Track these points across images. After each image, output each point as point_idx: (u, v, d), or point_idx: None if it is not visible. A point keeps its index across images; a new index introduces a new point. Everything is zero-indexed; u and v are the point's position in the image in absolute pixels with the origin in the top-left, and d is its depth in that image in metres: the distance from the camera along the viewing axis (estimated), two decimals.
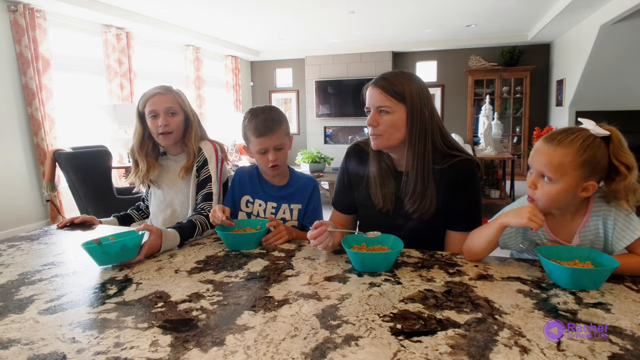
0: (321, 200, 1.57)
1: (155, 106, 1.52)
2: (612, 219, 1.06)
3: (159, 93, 1.53)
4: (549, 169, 1.01)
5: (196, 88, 6.61)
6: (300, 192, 1.52)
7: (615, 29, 4.63)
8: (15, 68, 4.05)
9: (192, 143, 1.58)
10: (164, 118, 1.52)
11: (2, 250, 1.29)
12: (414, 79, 1.24)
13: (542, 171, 1.03)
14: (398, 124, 1.22)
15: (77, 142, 4.08)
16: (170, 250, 1.26)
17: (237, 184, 1.57)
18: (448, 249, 1.28)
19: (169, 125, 1.52)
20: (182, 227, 1.33)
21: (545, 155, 1.02)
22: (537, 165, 1.04)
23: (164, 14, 5.20)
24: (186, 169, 1.56)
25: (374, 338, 0.73)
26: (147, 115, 1.53)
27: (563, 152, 1.00)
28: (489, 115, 4.90)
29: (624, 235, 1.04)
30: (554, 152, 1.01)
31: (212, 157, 1.59)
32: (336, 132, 8.20)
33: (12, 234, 3.97)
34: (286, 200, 1.51)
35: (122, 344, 0.72)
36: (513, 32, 6.69)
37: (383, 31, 6.43)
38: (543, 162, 1.02)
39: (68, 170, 3.25)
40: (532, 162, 1.06)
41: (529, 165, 1.09)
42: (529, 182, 1.07)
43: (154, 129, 1.53)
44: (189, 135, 1.58)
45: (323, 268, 1.08)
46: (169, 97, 1.54)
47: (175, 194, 1.62)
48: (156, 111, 1.52)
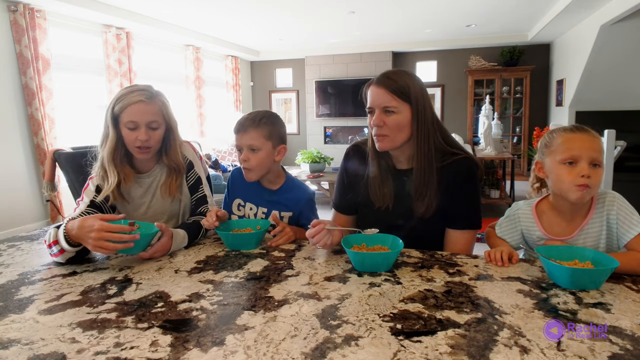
0: (317, 211, 1.53)
1: (136, 117, 1.29)
2: (615, 211, 1.09)
3: (142, 102, 1.29)
4: (600, 152, 1.07)
5: (196, 88, 6.60)
6: (294, 200, 1.49)
7: (615, 29, 4.62)
8: (15, 68, 4.05)
9: (177, 157, 1.41)
10: (145, 132, 1.30)
11: (2, 250, 1.29)
12: (416, 78, 1.24)
13: (595, 157, 1.06)
14: (403, 124, 1.21)
15: (77, 142, 4.07)
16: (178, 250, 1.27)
17: (231, 185, 1.56)
18: (448, 248, 1.28)
19: (150, 140, 1.32)
20: (189, 227, 1.32)
21: (593, 142, 1.07)
22: (590, 152, 1.06)
23: (164, 14, 5.20)
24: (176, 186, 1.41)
25: (374, 338, 0.73)
26: (123, 123, 1.30)
27: (598, 140, 1.08)
28: (489, 115, 4.90)
29: (627, 229, 1.06)
30: (594, 139, 1.08)
31: (195, 159, 1.51)
32: (336, 132, 8.20)
33: (12, 234, 3.97)
34: (277, 207, 1.48)
35: (122, 344, 0.72)
36: (513, 32, 6.69)
37: (383, 31, 6.43)
38: (595, 148, 1.07)
39: (68, 170, 3.25)
40: (581, 152, 1.06)
41: (568, 159, 1.08)
42: (585, 171, 1.05)
43: (129, 141, 1.32)
44: (171, 150, 1.40)
45: (323, 268, 1.08)
46: (153, 108, 1.32)
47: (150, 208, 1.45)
48: (136, 123, 1.29)
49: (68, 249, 1.12)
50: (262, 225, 1.33)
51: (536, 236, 1.18)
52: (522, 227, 1.21)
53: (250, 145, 1.40)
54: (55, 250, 1.13)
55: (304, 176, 5.32)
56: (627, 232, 1.06)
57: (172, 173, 1.42)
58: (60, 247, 1.12)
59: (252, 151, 1.40)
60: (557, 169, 1.10)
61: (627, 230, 1.06)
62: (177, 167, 1.42)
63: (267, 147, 1.41)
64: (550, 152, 1.12)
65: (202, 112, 6.70)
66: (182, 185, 1.46)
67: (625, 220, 1.06)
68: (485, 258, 1.12)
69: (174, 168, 1.42)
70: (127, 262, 1.15)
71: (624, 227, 1.06)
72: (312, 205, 1.52)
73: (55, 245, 1.13)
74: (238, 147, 1.44)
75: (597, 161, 1.06)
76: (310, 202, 1.51)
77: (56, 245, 1.13)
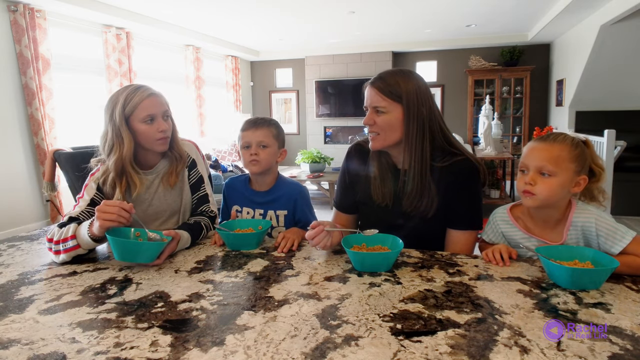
0: (311, 205, 1.55)
1: (152, 110, 1.33)
2: (595, 229, 1.09)
3: (152, 94, 1.34)
4: (550, 162, 1.08)
5: (196, 88, 6.60)
6: (286, 197, 1.51)
7: (615, 29, 4.62)
8: (15, 68, 4.05)
9: (179, 146, 1.46)
10: (162, 122, 1.35)
11: (2, 250, 1.29)
12: (412, 78, 1.24)
13: (542, 166, 1.09)
14: (394, 123, 1.22)
15: (77, 142, 4.07)
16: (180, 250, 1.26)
17: (227, 195, 1.59)
18: (449, 248, 1.28)
19: (167, 130, 1.38)
20: (192, 228, 1.32)
21: (544, 151, 1.10)
22: (537, 162, 1.10)
23: (164, 14, 5.20)
24: (177, 173, 1.43)
25: (374, 338, 0.73)
26: (139, 120, 1.32)
27: (560, 147, 1.09)
28: (489, 115, 4.90)
29: (611, 245, 1.06)
30: (551, 147, 1.09)
31: (198, 157, 1.53)
32: (336, 132, 8.20)
33: (12, 234, 3.97)
34: (272, 207, 1.51)
35: (122, 344, 0.72)
36: (513, 32, 6.69)
37: (383, 31, 6.43)
38: (543, 157, 1.09)
39: (68, 170, 3.25)
40: (529, 160, 1.12)
41: (521, 166, 1.15)
42: (528, 179, 1.11)
43: (150, 135, 1.34)
44: (175, 138, 1.45)
45: (323, 268, 1.08)
46: (162, 99, 1.37)
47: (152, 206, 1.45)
48: (153, 115, 1.33)
49: (88, 242, 1.14)
50: (264, 225, 1.33)
51: (519, 236, 1.19)
52: (502, 230, 1.23)
53: (261, 141, 1.45)
54: (71, 244, 1.14)
55: (304, 176, 5.32)
56: (618, 243, 1.05)
57: (173, 162, 1.44)
58: (77, 242, 1.14)
59: (262, 147, 1.46)
60: (518, 175, 1.17)
61: (617, 241, 1.05)
62: (179, 155, 1.45)
63: (274, 146, 1.48)
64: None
65: (202, 112, 6.70)
66: (183, 175, 1.47)
67: (609, 237, 1.06)
68: (484, 258, 1.12)
69: (175, 157, 1.45)
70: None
71: (608, 243, 1.06)
72: (305, 198, 1.53)
73: (72, 239, 1.14)
74: (246, 144, 1.47)
75: (545, 170, 1.08)
76: (302, 196, 1.52)
77: (73, 239, 1.14)
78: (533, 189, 1.09)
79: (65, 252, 1.14)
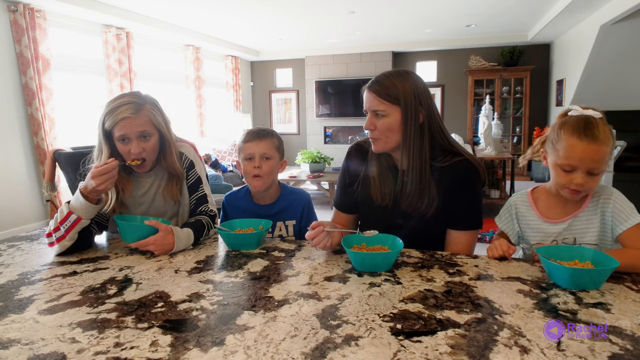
0: (316, 214, 1.55)
1: (126, 130, 1.29)
2: (611, 206, 1.12)
3: (128, 118, 1.28)
4: (600, 163, 1.07)
5: (196, 88, 6.60)
6: (294, 207, 1.51)
7: (615, 29, 4.62)
8: (15, 68, 4.05)
9: (175, 163, 1.42)
10: (137, 145, 1.31)
11: (2, 250, 1.29)
12: (409, 78, 1.23)
13: (593, 169, 1.07)
14: (394, 126, 1.22)
15: (77, 142, 4.07)
16: (183, 250, 1.26)
17: (228, 211, 1.57)
18: (449, 248, 1.28)
19: (144, 151, 1.34)
20: (195, 225, 1.32)
21: (594, 152, 1.06)
22: (588, 164, 1.07)
23: (164, 14, 5.20)
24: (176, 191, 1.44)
25: (374, 338, 0.73)
26: (115, 137, 1.31)
27: (605, 145, 1.06)
28: (489, 115, 4.90)
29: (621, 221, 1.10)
30: (599, 149, 1.06)
31: (196, 158, 1.52)
32: (336, 132, 8.20)
33: (12, 234, 3.97)
34: (280, 218, 1.50)
35: (122, 344, 0.72)
36: (513, 32, 6.69)
37: (383, 31, 6.43)
38: (594, 159, 1.07)
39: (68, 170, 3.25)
40: (578, 163, 1.08)
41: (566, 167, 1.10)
42: (580, 180, 1.07)
43: (124, 154, 1.33)
44: (167, 156, 1.41)
45: (323, 268, 1.08)
46: (141, 120, 1.30)
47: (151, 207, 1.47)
48: (127, 136, 1.30)
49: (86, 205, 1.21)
50: (264, 225, 1.33)
51: (530, 221, 1.21)
52: (517, 212, 1.24)
53: (264, 153, 1.44)
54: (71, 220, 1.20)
55: (304, 176, 5.32)
56: (621, 224, 1.09)
57: (172, 178, 1.44)
58: (75, 216, 1.20)
59: (265, 159, 1.45)
60: (555, 169, 1.13)
61: (621, 222, 1.09)
62: (175, 172, 1.43)
63: (276, 157, 1.48)
64: (554, 150, 1.12)
65: (202, 112, 6.70)
66: (182, 189, 1.48)
67: (620, 213, 1.10)
68: (488, 254, 1.14)
69: (173, 174, 1.43)
70: (127, 262, 1.15)
71: (618, 219, 1.10)
72: (312, 206, 1.55)
73: (70, 216, 1.20)
74: (249, 156, 1.45)
75: (595, 171, 1.07)
76: (309, 204, 1.54)
77: (70, 216, 1.20)
78: (582, 188, 1.08)
79: (68, 232, 1.19)
